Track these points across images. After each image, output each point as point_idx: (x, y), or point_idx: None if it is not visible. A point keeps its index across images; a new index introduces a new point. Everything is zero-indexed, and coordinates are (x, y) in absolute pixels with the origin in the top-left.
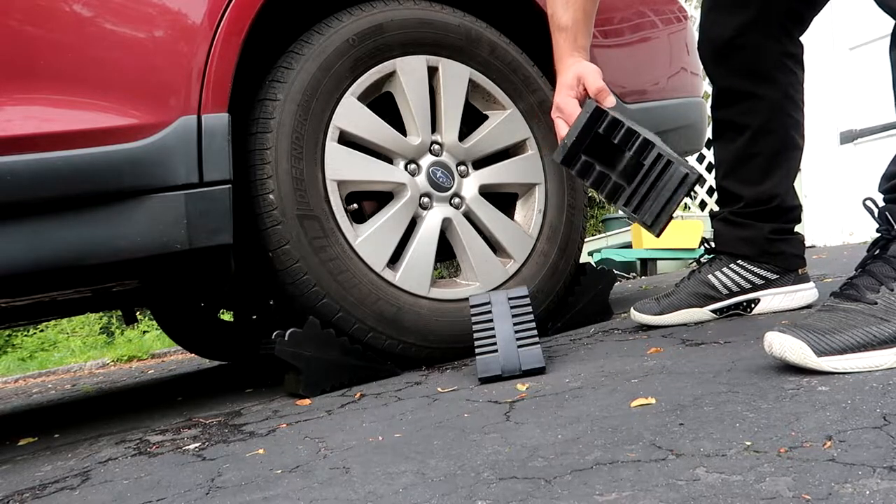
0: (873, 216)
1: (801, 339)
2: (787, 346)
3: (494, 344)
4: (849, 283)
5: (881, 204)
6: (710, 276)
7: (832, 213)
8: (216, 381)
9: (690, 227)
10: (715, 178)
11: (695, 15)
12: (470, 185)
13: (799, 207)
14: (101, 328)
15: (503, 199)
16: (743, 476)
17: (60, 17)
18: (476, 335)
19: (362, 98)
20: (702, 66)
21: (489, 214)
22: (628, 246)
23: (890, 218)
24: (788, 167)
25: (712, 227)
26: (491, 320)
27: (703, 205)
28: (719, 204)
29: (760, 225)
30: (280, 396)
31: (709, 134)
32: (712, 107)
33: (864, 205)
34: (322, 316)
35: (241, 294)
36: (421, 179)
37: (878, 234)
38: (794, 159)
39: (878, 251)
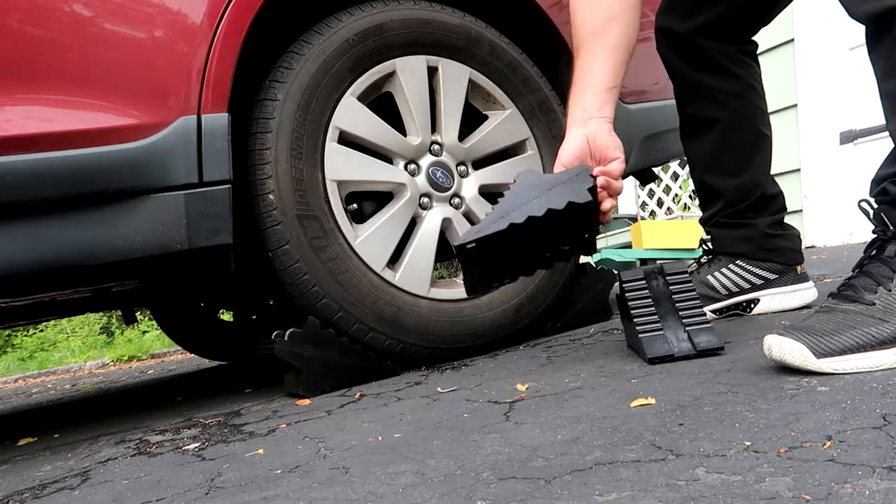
0: (869, 217)
1: (800, 342)
2: (786, 348)
3: (657, 322)
4: (846, 283)
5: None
6: (710, 277)
7: (832, 214)
8: (216, 381)
9: (690, 227)
10: (692, 176)
11: None
12: (470, 186)
13: (781, 195)
14: (101, 328)
15: None
16: (743, 476)
17: (60, 17)
18: (635, 314)
19: (362, 98)
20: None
21: None
22: (628, 246)
23: (885, 218)
24: (763, 156)
25: (708, 234)
26: (649, 297)
27: None
28: (701, 204)
29: (756, 222)
30: (280, 396)
31: None
32: (678, 103)
33: (860, 206)
34: (322, 316)
35: (241, 294)
36: (421, 179)
37: (875, 236)
38: (766, 147)
39: (874, 252)
